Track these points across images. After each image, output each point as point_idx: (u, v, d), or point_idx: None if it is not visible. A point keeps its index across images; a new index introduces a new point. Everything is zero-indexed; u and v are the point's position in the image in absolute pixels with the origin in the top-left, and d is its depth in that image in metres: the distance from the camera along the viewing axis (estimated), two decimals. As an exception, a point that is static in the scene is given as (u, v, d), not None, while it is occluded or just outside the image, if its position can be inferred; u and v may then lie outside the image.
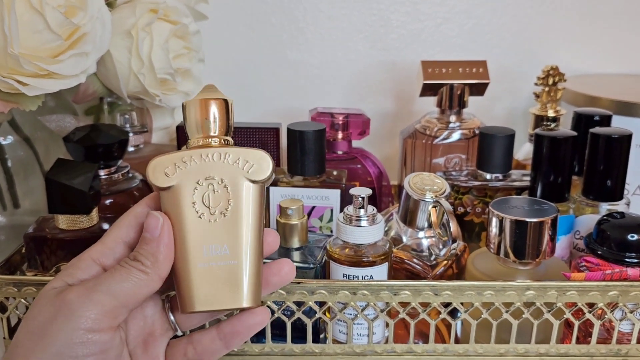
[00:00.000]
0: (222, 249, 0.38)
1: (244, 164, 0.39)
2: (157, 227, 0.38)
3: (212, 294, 0.38)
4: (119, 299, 0.37)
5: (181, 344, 0.42)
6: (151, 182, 0.39)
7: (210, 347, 0.41)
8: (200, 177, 0.39)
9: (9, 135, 0.75)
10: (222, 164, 0.39)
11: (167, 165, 0.39)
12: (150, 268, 0.38)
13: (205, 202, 0.39)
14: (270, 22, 0.89)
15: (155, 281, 0.38)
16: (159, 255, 0.38)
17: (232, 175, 0.39)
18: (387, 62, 0.91)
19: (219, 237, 0.39)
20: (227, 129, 0.40)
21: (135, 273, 0.37)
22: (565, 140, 0.62)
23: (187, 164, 0.39)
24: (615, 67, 0.92)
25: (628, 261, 0.55)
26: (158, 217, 0.38)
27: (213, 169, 0.39)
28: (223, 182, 0.39)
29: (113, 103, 0.77)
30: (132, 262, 0.38)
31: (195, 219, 0.39)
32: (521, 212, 0.56)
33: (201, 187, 0.39)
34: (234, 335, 0.40)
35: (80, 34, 0.59)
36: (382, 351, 0.56)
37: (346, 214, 0.55)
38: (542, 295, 0.54)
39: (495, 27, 0.90)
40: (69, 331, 0.36)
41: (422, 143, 0.75)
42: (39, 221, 0.59)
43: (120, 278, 0.37)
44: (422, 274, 0.59)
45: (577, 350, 0.57)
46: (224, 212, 0.39)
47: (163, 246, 0.38)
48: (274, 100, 0.92)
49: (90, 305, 0.36)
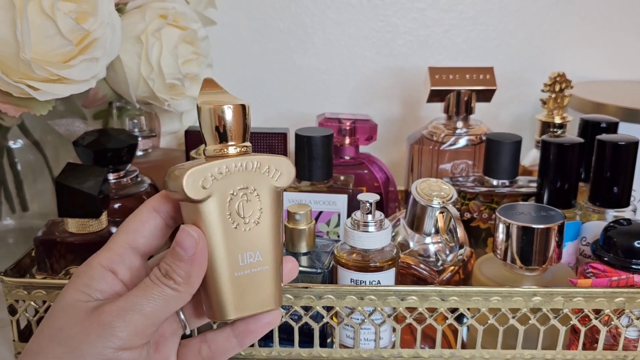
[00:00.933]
0: (256, 256, 0.39)
1: (273, 172, 0.40)
2: (192, 246, 0.37)
3: (245, 300, 0.39)
4: (150, 318, 0.37)
5: (194, 343, 0.42)
6: (187, 196, 0.37)
7: (225, 346, 0.41)
8: (234, 187, 0.39)
9: (18, 139, 0.75)
10: (253, 173, 0.39)
11: (203, 176, 0.37)
12: (183, 286, 0.38)
13: (240, 213, 0.39)
14: (278, 28, 0.90)
15: (186, 299, 0.38)
16: (192, 274, 0.38)
17: (262, 184, 0.39)
18: (394, 68, 0.91)
19: (253, 244, 0.39)
20: (245, 133, 0.40)
21: (166, 291, 0.37)
22: (572, 147, 0.63)
23: (222, 174, 0.38)
24: (622, 74, 0.92)
25: (635, 268, 0.55)
26: (194, 235, 0.37)
27: (246, 178, 0.39)
28: (255, 191, 0.39)
29: (122, 107, 0.77)
30: (163, 279, 0.38)
31: (231, 230, 0.39)
32: (528, 219, 0.56)
33: (235, 198, 0.39)
34: (248, 333, 0.41)
35: (91, 40, 0.60)
36: (388, 356, 0.57)
37: (354, 220, 0.55)
38: (548, 301, 0.54)
39: (502, 33, 0.90)
40: (100, 349, 0.36)
41: (429, 149, 0.75)
42: (49, 225, 0.59)
43: (153, 297, 0.37)
44: (429, 279, 0.59)
45: (583, 357, 0.57)
46: (256, 221, 0.39)
47: (197, 266, 0.38)
48: (282, 105, 0.93)
49: (124, 327, 0.36)
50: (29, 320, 0.56)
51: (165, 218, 0.40)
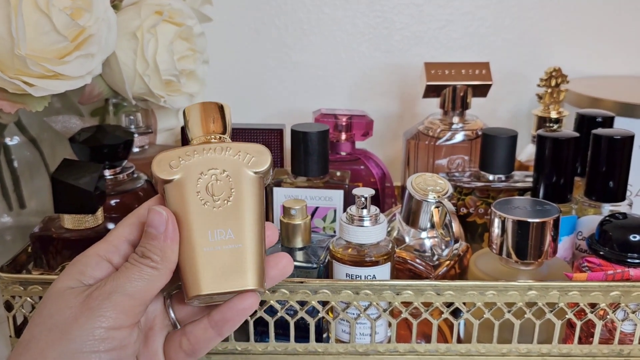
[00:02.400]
0: (227, 234, 0.40)
1: (245, 156, 0.41)
2: (162, 223, 0.39)
3: (219, 277, 0.39)
4: (134, 297, 0.38)
5: (176, 336, 0.42)
6: (156, 175, 0.40)
7: (204, 337, 0.41)
8: (203, 168, 0.41)
9: (15, 136, 0.75)
10: (224, 157, 0.41)
11: (172, 159, 0.41)
12: (160, 263, 0.39)
13: (209, 191, 0.40)
14: (274, 24, 0.90)
15: (166, 275, 0.39)
16: (167, 250, 0.39)
17: (233, 167, 0.41)
18: (390, 64, 0.91)
19: (224, 222, 0.40)
20: (225, 129, 0.43)
21: (146, 270, 0.39)
22: (568, 142, 0.63)
23: (191, 156, 0.41)
24: (618, 69, 0.92)
25: (630, 262, 0.55)
26: (162, 212, 0.39)
27: (215, 161, 0.41)
28: (225, 172, 0.41)
29: (118, 104, 0.77)
30: (141, 259, 0.39)
31: (200, 207, 0.40)
32: (523, 213, 0.56)
33: (204, 177, 0.41)
34: (225, 322, 0.41)
35: (86, 36, 0.60)
36: (384, 351, 0.57)
37: (349, 214, 0.55)
38: (544, 295, 0.54)
39: (499, 29, 0.90)
40: (90, 329, 0.37)
41: (425, 144, 0.75)
42: (45, 221, 0.59)
43: (133, 277, 0.38)
44: (425, 274, 0.59)
45: (579, 351, 0.57)
46: (227, 200, 0.40)
47: (170, 240, 0.39)
48: (278, 102, 0.93)
49: (110, 307, 0.37)
50: (26, 316, 0.56)
51: None
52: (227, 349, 0.57)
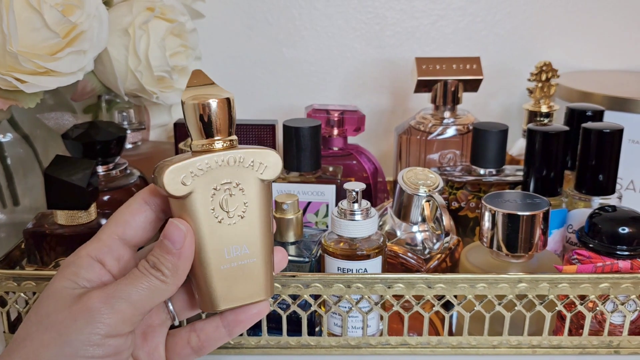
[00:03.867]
0: (242, 249, 0.40)
1: (258, 165, 0.40)
2: (180, 240, 0.38)
3: (234, 292, 0.40)
4: (137, 307, 0.38)
5: (183, 332, 0.43)
6: (168, 193, 0.38)
7: (214, 335, 0.42)
8: (216, 182, 0.39)
9: (7, 133, 0.75)
10: (236, 168, 0.39)
11: (183, 173, 0.38)
12: (170, 278, 0.38)
13: (224, 207, 0.39)
14: (266, 20, 0.90)
15: (172, 290, 0.39)
16: (179, 267, 0.38)
17: (246, 178, 0.39)
18: (382, 60, 0.92)
19: (238, 238, 0.40)
20: (231, 126, 0.39)
21: (154, 282, 0.38)
22: (558, 135, 0.63)
23: (203, 170, 0.38)
24: (608, 64, 0.93)
25: (619, 254, 0.56)
26: (182, 229, 0.38)
27: (228, 173, 0.39)
28: (238, 185, 0.39)
29: (111, 101, 0.78)
30: (152, 270, 0.38)
31: (215, 225, 0.39)
32: (514, 206, 0.57)
33: (218, 193, 0.39)
34: (237, 323, 0.42)
35: (78, 32, 0.60)
36: (376, 344, 0.57)
37: (340, 208, 0.56)
38: (534, 287, 0.54)
39: (490, 24, 0.91)
40: (87, 335, 0.37)
41: (416, 139, 0.76)
42: (38, 217, 0.60)
43: (140, 286, 0.38)
44: (416, 267, 0.59)
45: (569, 342, 0.57)
46: (241, 215, 0.40)
47: (184, 259, 0.38)
48: (271, 98, 0.93)
49: (110, 313, 0.37)
50: (19, 312, 0.57)
51: (156, 211, 0.41)
52: (221, 343, 0.57)
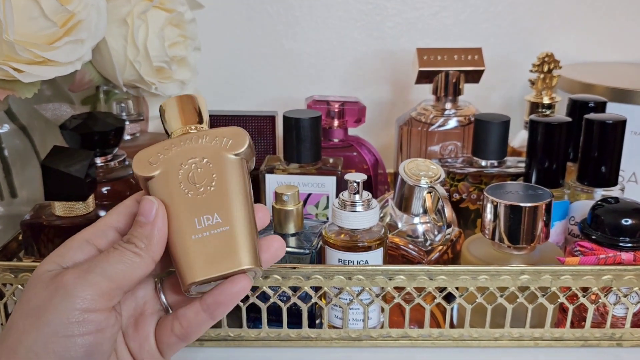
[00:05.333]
0: (214, 218, 0.40)
1: (222, 140, 0.42)
2: (152, 211, 0.39)
3: (211, 261, 0.39)
4: (113, 280, 0.38)
5: (167, 320, 0.42)
6: (137, 174, 0.41)
7: (196, 320, 0.41)
8: (182, 159, 0.41)
9: (5, 124, 0.75)
10: (201, 144, 0.41)
11: (150, 155, 0.41)
12: (144, 250, 0.39)
13: (191, 180, 0.41)
14: (266, 11, 0.89)
15: (149, 263, 0.39)
16: (152, 238, 0.39)
17: (212, 153, 0.41)
18: (383, 51, 0.91)
19: (209, 208, 0.40)
20: (202, 119, 0.44)
21: (128, 255, 0.38)
22: (560, 126, 0.63)
23: (169, 150, 0.41)
24: (611, 55, 0.92)
25: (622, 246, 0.56)
26: (153, 201, 0.40)
27: (193, 150, 0.41)
28: (205, 159, 0.41)
29: (109, 91, 0.77)
30: (125, 244, 0.39)
31: (184, 197, 0.40)
32: (516, 197, 0.56)
33: (185, 168, 0.41)
34: (218, 305, 0.40)
35: (76, 21, 0.59)
36: (377, 336, 0.57)
37: (341, 200, 0.55)
38: (536, 279, 0.54)
39: (492, 15, 0.90)
40: (65, 311, 0.36)
41: (417, 130, 0.75)
42: (36, 208, 0.59)
43: (114, 260, 0.38)
44: (418, 259, 0.59)
45: (571, 335, 0.57)
46: (210, 186, 0.41)
47: (157, 229, 0.39)
48: (271, 89, 0.93)
49: (85, 286, 0.37)
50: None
51: None
52: (220, 335, 0.57)
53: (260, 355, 0.57)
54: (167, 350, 0.42)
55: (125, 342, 0.42)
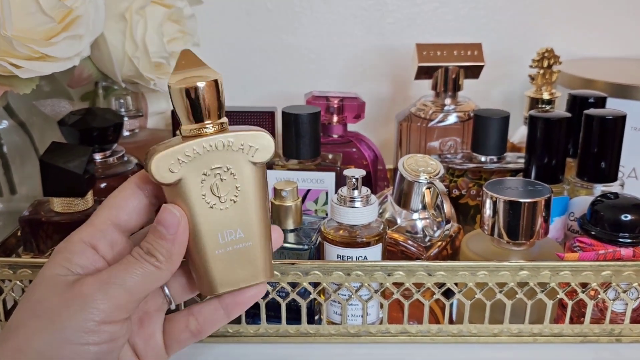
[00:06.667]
0: (237, 233, 0.40)
1: (248, 148, 0.39)
2: (174, 225, 0.38)
3: (232, 275, 0.40)
4: (132, 293, 0.38)
5: (181, 317, 0.42)
6: (156, 180, 0.38)
7: (213, 318, 0.42)
8: (205, 168, 0.38)
9: (3, 120, 0.75)
10: (226, 152, 0.38)
11: (171, 160, 0.37)
12: (164, 264, 0.38)
13: (215, 192, 0.39)
14: (265, 7, 0.89)
15: (167, 276, 0.39)
16: (174, 252, 0.38)
17: (236, 161, 0.39)
18: (383, 47, 0.91)
19: (232, 222, 0.39)
20: (220, 109, 0.38)
21: (148, 267, 0.38)
22: (559, 122, 0.62)
23: (191, 156, 0.38)
24: (611, 51, 0.92)
25: (621, 241, 0.55)
26: (175, 213, 0.38)
27: (217, 158, 0.38)
28: (229, 169, 0.39)
29: (108, 87, 0.77)
30: (145, 255, 0.38)
31: (207, 210, 0.39)
32: (515, 193, 0.56)
33: (208, 178, 0.38)
34: (236, 305, 0.42)
35: (74, 17, 0.59)
36: (376, 332, 0.57)
37: (340, 195, 0.55)
38: (535, 275, 0.54)
39: (492, 11, 0.90)
40: (81, 321, 0.36)
41: (417, 126, 0.75)
42: (35, 204, 0.59)
43: (134, 273, 0.38)
44: (417, 255, 0.59)
45: (570, 330, 0.57)
46: (233, 199, 0.39)
47: (178, 244, 0.38)
48: (270, 85, 0.92)
49: (105, 299, 0.37)
50: (15, 300, 0.56)
51: (149, 196, 0.40)
52: (219, 331, 0.57)
53: (259, 351, 0.57)
54: (176, 346, 0.43)
55: (129, 339, 0.41)
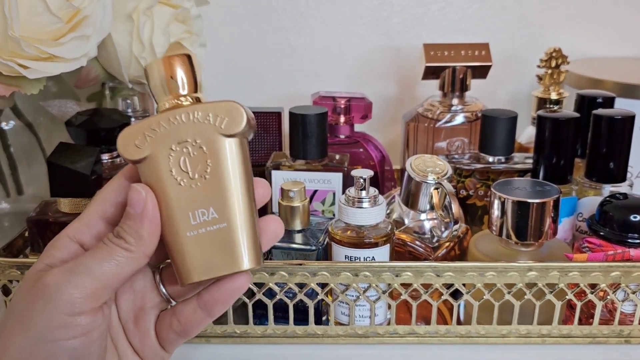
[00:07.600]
0: (209, 213, 0.36)
1: (215, 119, 0.36)
2: (140, 202, 0.36)
3: (208, 262, 0.36)
4: (100, 280, 0.35)
5: (166, 316, 0.40)
6: (123, 156, 0.36)
7: (193, 318, 0.39)
8: (172, 142, 0.36)
9: (10, 121, 0.75)
10: (192, 124, 0.36)
11: (136, 136, 0.36)
12: (135, 246, 0.36)
13: (183, 167, 0.36)
14: (271, 7, 0.89)
15: (140, 259, 0.36)
16: (143, 232, 0.36)
17: (205, 134, 0.36)
18: (389, 47, 0.91)
19: (204, 201, 0.36)
20: (195, 85, 0.37)
21: (118, 251, 0.36)
22: (568, 122, 0.62)
23: (157, 130, 0.36)
24: (619, 51, 0.92)
25: (630, 242, 0.55)
26: (140, 190, 0.36)
27: (184, 130, 0.36)
28: (197, 142, 0.36)
29: (115, 88, 0.77)
30: (114, 239, 0.36)
31: (176, 187, 0.36)
32: (523, 194, 0.56)
33: (176, 153, 0.36)
34: (215, 303, 0.38)
35: (81, 17, 0.59)
36: (384, 333, 0.56)
37: (348, 196, 0.55)
38: (544, 276, 0.54)
39: (499, 10, 0.89)
40: (49, 315, 0.34)
41: (424, 126, 0.75)
42: (42, 205, 0.59)
43: (102, 257, 0.35)
44: (425, 256, 0.59)
45: (579, 332, 0.57)
46: (203, 175, 0.36)
47: (147, 222, 0.36)
48: (277, 86, 0.92)
49: (69, 287, 0.34)
50: (23, 301, 0.56)
51: None
52: (226, 332, 0.57)
53: (267, 352, 0.56)
54: (168, 345, 0.41)
55: (126, 337, 0.40)
